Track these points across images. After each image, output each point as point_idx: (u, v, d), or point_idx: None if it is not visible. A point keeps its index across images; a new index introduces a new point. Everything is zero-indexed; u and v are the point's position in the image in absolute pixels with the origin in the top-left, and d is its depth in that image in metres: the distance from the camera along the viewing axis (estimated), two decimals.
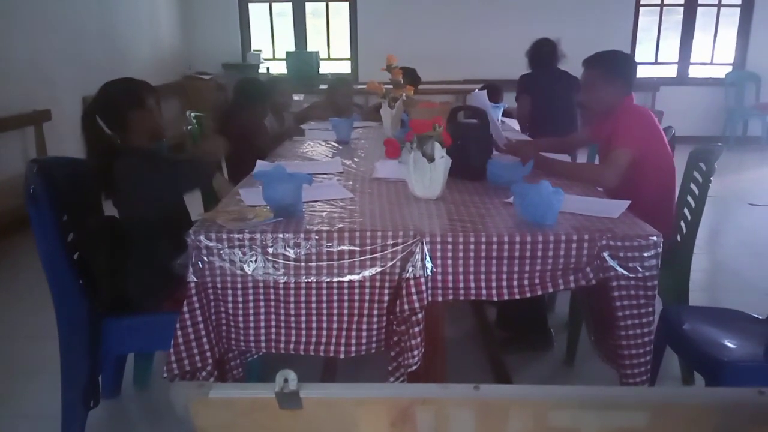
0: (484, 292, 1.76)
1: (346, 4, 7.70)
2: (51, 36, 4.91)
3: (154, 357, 2.53)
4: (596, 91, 2.55)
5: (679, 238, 2.46)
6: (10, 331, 3.01)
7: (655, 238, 1.74)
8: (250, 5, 7.79)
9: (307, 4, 7.81)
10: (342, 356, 1.78)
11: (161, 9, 7.06)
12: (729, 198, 5.24)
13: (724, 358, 1.81)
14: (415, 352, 1.71)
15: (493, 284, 1.76)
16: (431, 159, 2.01)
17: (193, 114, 3.44)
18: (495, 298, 1.77)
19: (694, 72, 7.92)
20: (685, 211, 2.43)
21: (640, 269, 1.74)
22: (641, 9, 7.65)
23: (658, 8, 7.74)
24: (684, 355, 2.15)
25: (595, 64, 2.56)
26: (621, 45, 6.85)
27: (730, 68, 7.78)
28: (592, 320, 2.16)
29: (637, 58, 7.71)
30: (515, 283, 1.76)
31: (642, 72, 7.80)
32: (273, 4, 7.86)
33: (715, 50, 7.84)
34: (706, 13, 7.72)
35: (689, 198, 2.41)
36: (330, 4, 7.81)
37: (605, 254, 1.73)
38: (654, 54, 7.90)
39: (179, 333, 1.73)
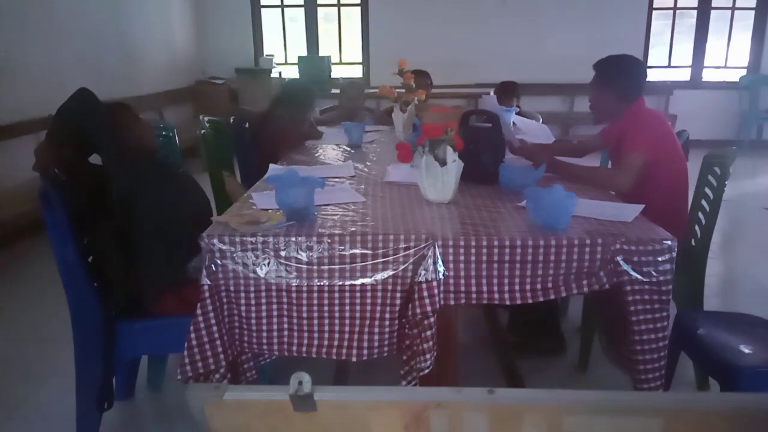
0: (496, 296, 1.76)
1: (358, 8, 7.73)
2: (66, 42, 4.97)
3: (168, 359, 2.55)
4: (603, 94, 2.57)
5: (693, 243, 2.44)
6: (24, 334, 3.04)
7: (669, 242, 1.73)
8: (263, 10, 7.84)
9: (319, 9, 7.85)
10: (354, 359, 1.79)
11: (175, 15, 7.12)
12: (743, 202, 5.19)
13: (740, 363, 1.79)
14: (427, 356, 1.71)
15: (506, 288, 1.76)
16: (443, 163, 2.01)
17: (206, 118, 3.46)
18: (507, 302, 1.76)
19: (707, 75, 7.86)
20: (700, 215, 2.41)
21: (654, 274, 1.73)
22: (654, 13, 7.60)
23: (671, 12, 7.69)
24: (699, 361, 2.13)
25: (601, 68, 2.58)
26: (634, 49, 6.81)
27: (744, 72, 7.71)
28: (604, 325, 2.15)
29: (650, 62, 7.72)
30: (528, 287, 1.76)
31: (655, 75, 7.77)
32: (285, 9, 7.91)
33: (729, 54, 7.78)
34: (719, 17, 7.67)
35: (703, 202, 2.40)
36: (342, 8, 7.84)
37: (619, 258, 1.72)
38: (667, 58, 7.85)
39: (193, 335, 1.74)
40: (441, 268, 1.73)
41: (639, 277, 1.73)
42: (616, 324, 1.86)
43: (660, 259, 1.73)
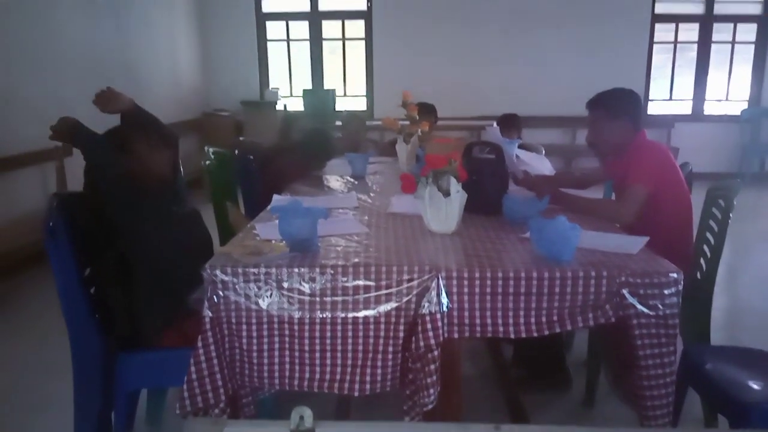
0: (500, 329, 1.74)
1: (362, 42, 7.85)
2: (72, 74, 5.03)
3: (167, 393, 2.51)
4: (602, 131, 2.57)
5: (698, 276, 2.42)
6: (25, 364, 3.01)
7: (675, 275, 1.71)
8: (269, 44, 7.96)
9: (325, 43, 7.97)
10: (356, 394, 1.76)
11: (182, 47, 7.23)
12: (748, 235, 5.16)
13: (750, 399, 1.76)
14: (431, 391, 1.68)
15: (510, 321, 1.73)
16: (447, 194, 2.01)
17: (211, 150, 3.49)
18: (512, 336, 1.74)
19: (709, 109, 7.91)
20: (705, 248, 2.40)
21: (660, 307, 1.71)
22: (655, 47, 7.70)
23: (672, 45, 7.79)
24: (707, 396, 2.09)
25: (597, 106, 2.58)
26: (635, 82, 6.89)
27: (745, 105, 7.77)
28: (610, 359, 2.11)
29: (651, 95, 7.80)
30: (532, 320, 1.73)
31: (656, 109, 7.84)
32: (291, 43, 8.03)
33: (730, 87, 7.84)
34: (720, 51, 7.76)
35: (708, 235, 2.38)
36: (347, 42, 7.96)
37: (624, 291, 1.71)
38: (668, 91, 7.92)
39: (193, 368, 1.72)
40: (445, 300, 1.71)
41: (645, 310, 1.71)
42: (622, 358, 1.83)
43: (666, 292, 1.71)
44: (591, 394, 2.60)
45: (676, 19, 7.69)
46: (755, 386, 1.84)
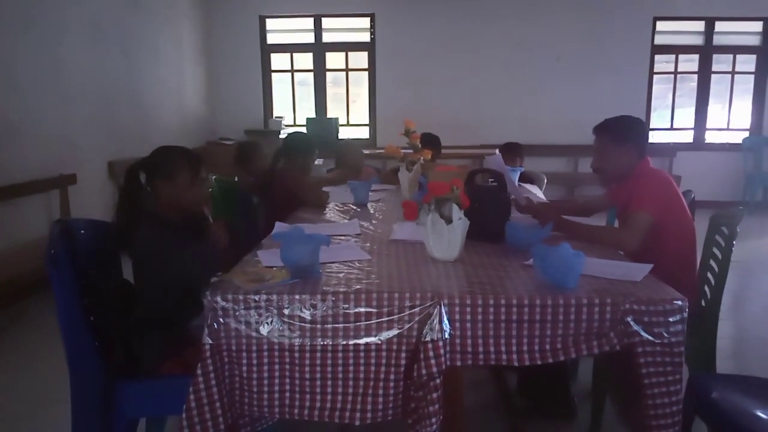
0: (504, 356, 1.72)
1: (366, 72, 7.94)
2: (79, 102, 5.08)
3: (167, 422, 2.48)
4: (607, 156, 2.58)
5: (703, 303, 2.40)
6: (23, 392, 2.98)
7: (680, 302, 1.70)
8: (273, 74, 8.06)
9: (328, 73, 8.07)
10: (357, 423, 1.73)
11: (188, 77, 7.31)
12: (752, 263, 5.14)
13: (758, 429, 1.73)
14: (433, 420, 1.65)
15: (514, 349, 1.72)
16: (449, 221, 2.01)
17: (214, 177, 3.51)
18: (516, 364, 1.72)
19: (710, 137, 7.95)
20: (709, 275, 2.38)
21: (665, 334, 1.69)
22: (655, 77, 7.77)
23: (672, 76, 7.86)
24: (714, 426, 2.05)
25: (603, 131, 2.60)
26: (636, 111, 6.87)
27: (746, 134, 7.81)
28: (616, 388, 2.09)
29: (653, 124, 7.85)
30: (536, 347, 1.72)
31: (658, 137, 7.87)
32: (295, 74, 8.13)
33: (731, 116, 7.89)
34: (720, 81, 7.82)
35: (712, 262, 2.37)
36: (350, 73, 8.06)
37: (629, 319, 1.69)
38: (669, 120, 7.97)
39: (192, 397, 1.70)
40: (447, 327, 1.70)
41: (650, 338, 1.69)
42: (628, 387, 1.81)
43: (671, 319, 1.69)
44: (597, 424, 2.55)
45: (676, 50, 7.78)
46: (763, 415, 1.81)
